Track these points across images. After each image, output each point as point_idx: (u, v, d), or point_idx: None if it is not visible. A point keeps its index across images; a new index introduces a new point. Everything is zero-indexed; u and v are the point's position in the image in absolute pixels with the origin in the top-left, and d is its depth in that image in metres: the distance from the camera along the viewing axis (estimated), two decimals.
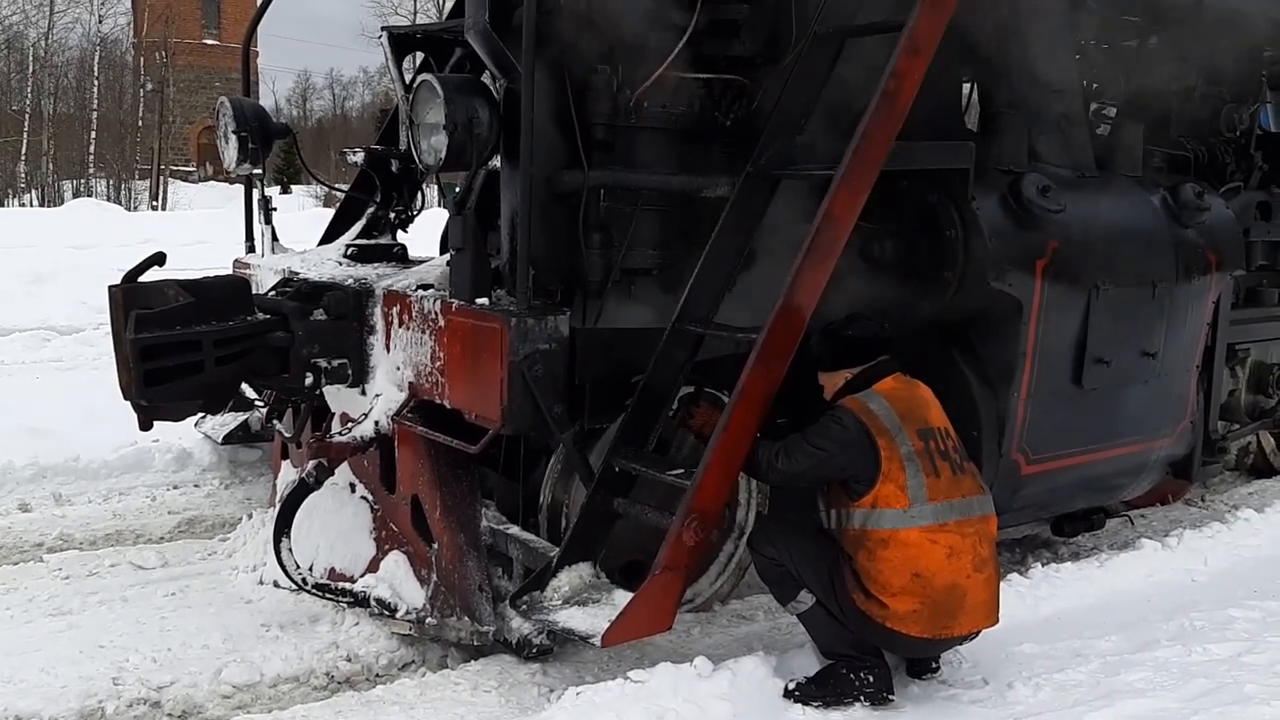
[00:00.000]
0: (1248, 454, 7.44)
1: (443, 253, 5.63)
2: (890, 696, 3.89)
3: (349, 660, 4.44)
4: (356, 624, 4.62)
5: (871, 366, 4.01)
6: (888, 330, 4.11)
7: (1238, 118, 6.37)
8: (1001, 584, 4.07)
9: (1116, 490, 5.67)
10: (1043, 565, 5.27)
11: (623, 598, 3.89)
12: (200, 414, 6.25)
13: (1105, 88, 6.06)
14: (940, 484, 3.81)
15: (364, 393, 4.78)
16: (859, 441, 3.80)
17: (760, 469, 4.00)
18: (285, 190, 36.93)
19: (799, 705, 3.83)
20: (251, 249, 6.15)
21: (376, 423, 4.62)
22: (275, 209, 6.07)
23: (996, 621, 3.95)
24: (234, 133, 5.64)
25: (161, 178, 41.98)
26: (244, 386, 5.08)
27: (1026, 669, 4.12)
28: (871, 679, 3.86)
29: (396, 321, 4.63)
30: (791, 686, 3.88)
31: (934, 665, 4.10)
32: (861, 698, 3.85)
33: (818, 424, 3.92)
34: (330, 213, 6.37)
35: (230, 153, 5.71)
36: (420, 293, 4.56)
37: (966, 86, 5.56)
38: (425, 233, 6.64)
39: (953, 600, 3.78)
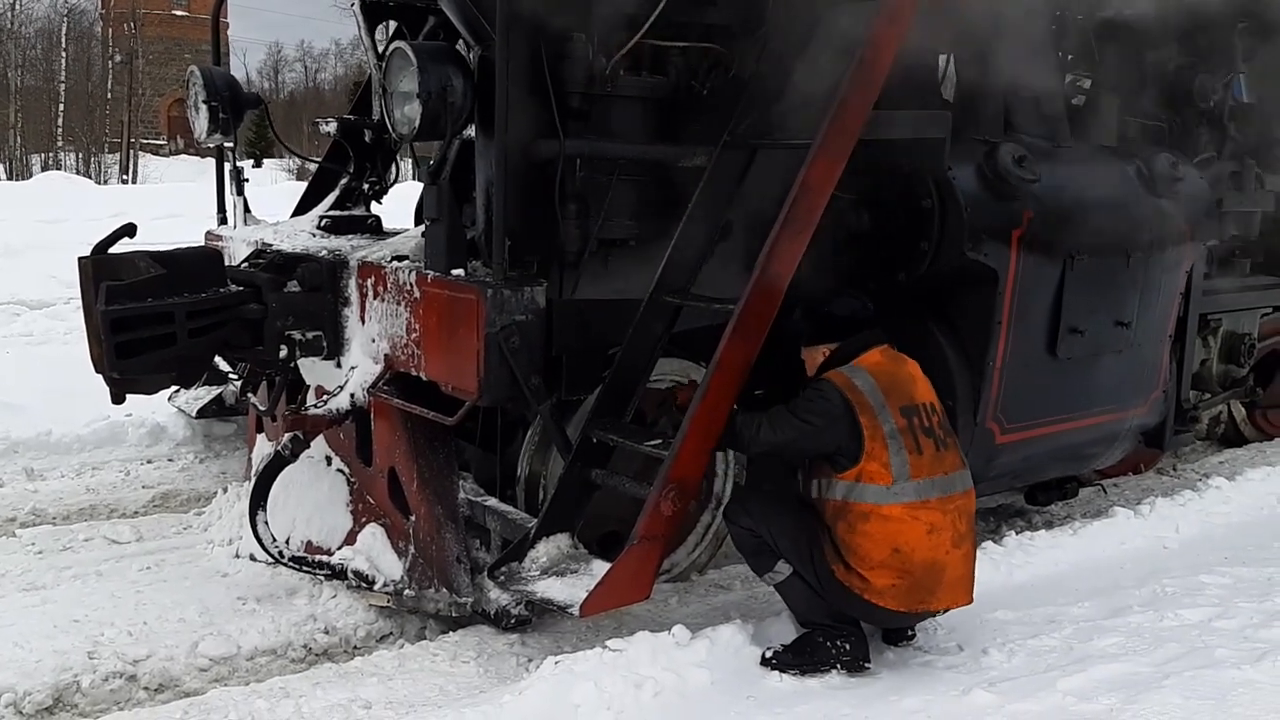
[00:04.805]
0: (1219, 423, 7.53)
1: (417, 224, 5.58)
2: (866, 664, 3.91)
3: (327, 633, 4.43)
4: (334, 596, 4.61)
5: (852, 340, 4.00)
6: (870, 309, 4.10)
7: (1212, 88, 6.40)
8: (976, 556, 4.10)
9: (1090, 459, 5.72)
10: (1017, 534, 5.33)
11: (601, 568, 3.90)
12: (174, 387, 6.20)
13: (1080, 58, 6.07)
14: (923, 461, 3.81)
15: (339, 365, 4.75)
16: (843, 417, 3.79)
17: (742, 441, 3.99)
18: (258, 164, 36.51)
19: (776, 673, 3.85)
20: (224, 221, 6.08)
21: (352, 395, 4.60)
22: (248, 180, 6.00)
23: (971, 600, 3.97)
24: (204, 102, 5.56)
25: (131, 151, 41.44)
26: (218, 360, 5.03)
27: (1001, 635, 4.16)
28: (848, 647, 3.88)
29: (371, 293, 4.59)
30: (769, 654, 3.90)
31: (910, 633, 4.14)
32: (838, 665, 3.87)
33: (802, 396, 3.92)
34: (303, 186, 6.31)
35: (201, 123, 5.63)
36: (395, 264, 4.52)
37: (943, 57, 5.55)
38: (400, 205, 6.58)
39: (931, 576, 3.81)
